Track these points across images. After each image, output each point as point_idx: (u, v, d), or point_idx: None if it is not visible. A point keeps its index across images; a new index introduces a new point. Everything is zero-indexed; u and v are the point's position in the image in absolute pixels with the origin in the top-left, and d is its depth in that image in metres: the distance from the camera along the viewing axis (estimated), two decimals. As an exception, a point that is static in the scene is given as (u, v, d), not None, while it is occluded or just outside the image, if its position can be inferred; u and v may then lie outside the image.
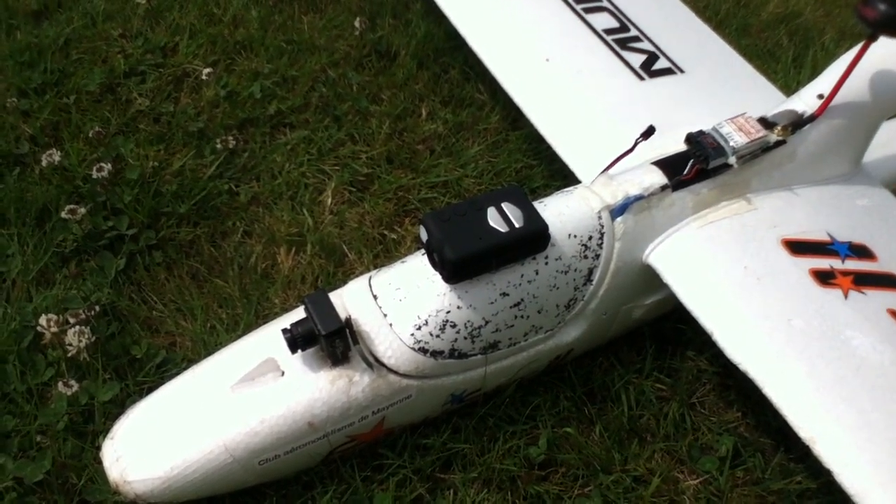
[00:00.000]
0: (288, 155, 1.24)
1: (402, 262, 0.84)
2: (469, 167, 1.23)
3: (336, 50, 1.42)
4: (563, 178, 1.18)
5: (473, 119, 1.32)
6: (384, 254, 1.11)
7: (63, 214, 1.04)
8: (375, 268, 1.05)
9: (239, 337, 0.94)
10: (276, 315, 0.99)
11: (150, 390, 0.88)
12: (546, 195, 0.89)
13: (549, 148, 1.19)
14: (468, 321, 0.78)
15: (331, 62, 1.39)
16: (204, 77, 1.33)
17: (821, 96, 0.91)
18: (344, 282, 1.02)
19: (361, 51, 1.42)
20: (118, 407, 0.88)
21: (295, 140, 1.26)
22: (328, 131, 1.28)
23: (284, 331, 0.75)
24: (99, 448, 0.84)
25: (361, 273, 1.05)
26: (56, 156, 1.12)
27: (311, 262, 1.07)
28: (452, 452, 0.86)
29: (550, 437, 0.88)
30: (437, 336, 0.78)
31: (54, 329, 0.89)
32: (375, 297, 0.81)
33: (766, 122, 0.90)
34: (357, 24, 1.43)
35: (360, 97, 1.34)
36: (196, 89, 1.34)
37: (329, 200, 1.17)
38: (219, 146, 1.21)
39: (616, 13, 1.15)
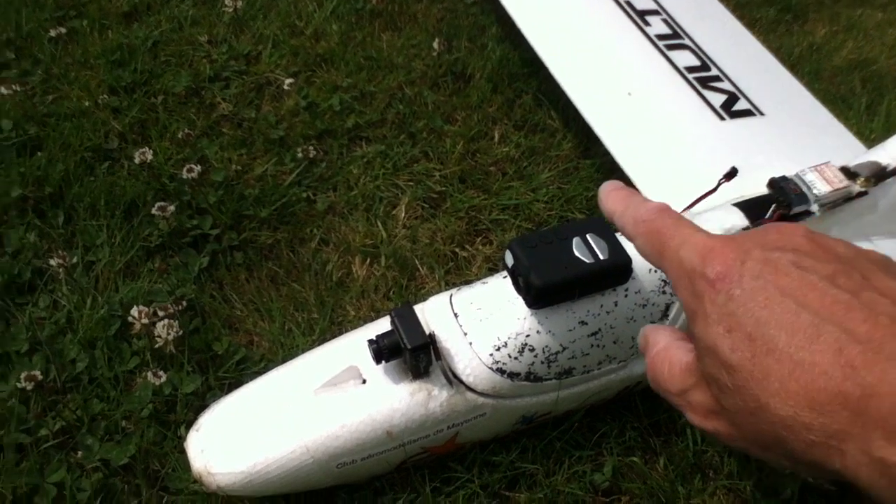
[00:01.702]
0: (364, 168, 1.27)
1: (484, 282, 0.86)
2: (540, 192, 1.25)
3: (413, 69, 1.46)
4: (632, 209, 1.20)
5: (545, 145, 1.35)
6: (455, 271, 1.13)
7: (153, 211, 1.08)
8: (447, 284, 1.09)
9: (314, 341, 0.98)
10: (350, 323, 1.03)
11: (231, 386, 0.91)
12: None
13: (620, 179, 1.21)
14: (546, 346, 0.81)
15: (408, 80, 1.43)
16: (286, 87, 1.38)
17: (905, 150, 0.92)
18: (417, 296, 1.06)
19: (437, 71, 1.46)
20: (199, 399, 0.92)
21: (371, 154, 1.29)
22: (403, 147, 1.31)
23: (370, 341, 0.78)
24: (180, 438, 0.87)
25: (434, 288, 1.08)
26: (149, 154, 1.16)
27: (385, 273, 1.10)
28: (519, 472, 0.88)
29: (616, 464, 0.90)
30: (516, 358, 0.80)
31: (145, 320, 0.93)
32: (456, 315, 0.83)
33: (848, 172, 0.91)
34: (436, 45, 1.47)
35: (436, 116, 1.37)
36: (277, 97, 1.39)
37: (402, 215, 1.21)
38: (300, 155, 1.25)
39: (697, 52, 1.18)
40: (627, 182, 1.03)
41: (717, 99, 1.10)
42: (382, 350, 0.78)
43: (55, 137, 1.23)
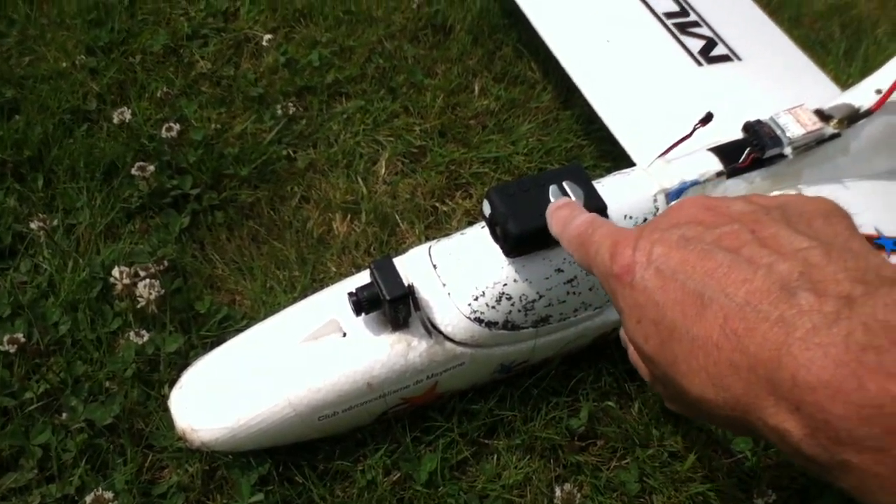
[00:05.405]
0: (344, 124, 1.27)
1: (462, 233, 0.87)
2: (520, 144, 1.25)
3: (393, 22, 1.44)
4: (612, 159, 1.20)
5: (525, 97, 1.34)
6: (435, 225, 1.14)
7: (133, 171, 1.08)
8: (427, 238, 1.09)
9: (296, 299, 0.99)
10: (331, 279, 1.03)
11: (213, 344, 0.92)
12: (597, 176, 0.92)
13: (599, 129, 1.21)
14: (523, 294, 0.81)
15: (387, 34, 1.42)
16: (264, 43, 1.37)
17: (878, 91, 0.92)
18: (398, 251, 1.06)
19: (417, 24, 1.45)
20: (182, 358, 0.92)
21: (351, 109, 1.29)
22: (383, 102, 1.31)
23: (350, 294, 0.79)
24: (164, 396, 0.89)
25: (414, 243, 1.09)
26: (127, 114, 1.16)
27: (366, 229, 1.11)
28: (497, 419, 0.90)
29: (591, 410, 0.91)
30: (493, 307, 0.81)
31: (126, 281, 0.93)
32: (435, 267, 0.84)
33: (822, 115, 0.92)
34: (415, -3, 1.46)
35: (416, 70, 1.36)
36: (256, 54, 1.38)
37: (383, 170, 1.21)
38: (279, 112, 1.24)
39: (676, -3, 1.17)
40: (607, 132, 1.03)
41: (696, 44, 1.10)
42: (362, 302, 0.78)
43: (33, 100, 1.22)
